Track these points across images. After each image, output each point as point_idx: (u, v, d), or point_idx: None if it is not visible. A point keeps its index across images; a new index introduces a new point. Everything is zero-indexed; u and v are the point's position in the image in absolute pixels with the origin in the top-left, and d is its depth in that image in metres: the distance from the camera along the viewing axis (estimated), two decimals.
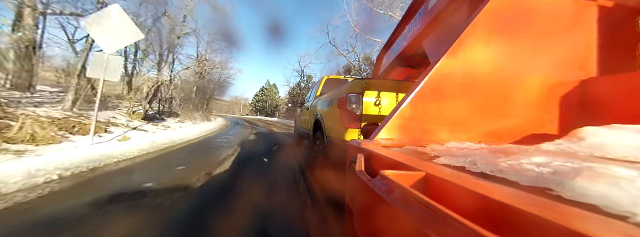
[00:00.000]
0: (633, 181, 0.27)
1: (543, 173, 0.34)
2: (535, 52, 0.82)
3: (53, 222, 1.34)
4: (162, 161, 3.01)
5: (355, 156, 0.60)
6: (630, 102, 0.71)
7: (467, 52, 0.79)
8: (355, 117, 1.77)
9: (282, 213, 1.66)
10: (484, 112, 0.81)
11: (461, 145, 0.65)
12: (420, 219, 0.27)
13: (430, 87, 0.78)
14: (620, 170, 0.30)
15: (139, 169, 2.54)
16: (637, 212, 0.22)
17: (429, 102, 0.78)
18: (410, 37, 1.73)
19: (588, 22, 0.85)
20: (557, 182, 0.30)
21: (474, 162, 0.42)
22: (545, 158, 0.40)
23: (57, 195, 1.70)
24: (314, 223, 1.56)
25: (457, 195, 0.31)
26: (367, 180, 0.41)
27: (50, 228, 1.28)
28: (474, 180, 0.33)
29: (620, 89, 0.75)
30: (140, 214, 1.50)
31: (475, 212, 0.27)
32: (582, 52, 0.85)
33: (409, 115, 0.78)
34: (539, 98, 0.83)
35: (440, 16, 1.32)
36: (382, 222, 0.36)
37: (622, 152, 0.49)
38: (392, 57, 2.16)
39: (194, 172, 2.47)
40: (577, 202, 0.26)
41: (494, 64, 0.81)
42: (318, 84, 3.94)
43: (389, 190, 0.35)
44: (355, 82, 1.84)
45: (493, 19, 0.80)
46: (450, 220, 0.23)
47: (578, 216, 0.22)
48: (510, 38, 0.81)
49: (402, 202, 0.31)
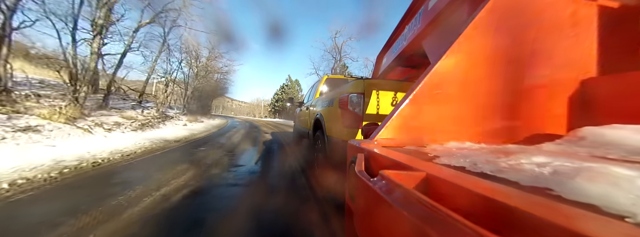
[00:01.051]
0: (633, 181, 0.27)
1: (543, 173, 0.34)
2: (536, 52, 0.82)
3: (187, 148, 4.10)
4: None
5: (355, 155, 0.60)
6: (630, 102, 0.71)
7: (467, 52, 0.79)
8: (356, 117, 1.77)
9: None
10: (484, 112, 0.81)
11: (461, 145, 0.65)
12: (420, 219, 0.27)
13: (430, 87, 0.78)
14: (620, 170, 0.30)
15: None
16: (637, 212, 0.22)
17: (429, 102, 0.78)
18: (410, 37, 1.73)
19: (588, 22, 0.85)
20: (557, 182, 0.30)
21: (474, 162, 0.42)
22: (545, 158, 0.40)
23: (187, 141, 4.95)
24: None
25: (457, 195, 0.31)
26: (367, 180, 0.42)
27: (190, 148, 4.17)
28: (474, 180, 0.33)
29: (620, 89, 0.75)
30: (211, 148, 4.22)
31: (475, 212, 0.27)
32: (582, 52, 0.85)
33: (409, 115, 0.78)
34: (539, 98, 0.83)
35: (440, 16, 1.32)
36: (383, 222, 0.36)
37: (622, 152, 0.49)
38: (392, 57, 2.16)
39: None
40: (577, 202, 0.26)
41: (494, 63, 0.81)
42: (317, 83, 3.95)
43: (389, 190, 0.35)
44: (357, 82, 1.84)
45: (493, 19, 0.80)
46: (451, 220, 0.23)
47: (578, 216, 0.22)
48: (510, 38, 0.81)
49: (402, 202, 0.31)
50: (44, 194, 1.74)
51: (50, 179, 2.02)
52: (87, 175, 2.23)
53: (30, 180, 1.94)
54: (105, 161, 2.73)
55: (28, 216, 1.42)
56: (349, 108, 1.79)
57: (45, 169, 2.20)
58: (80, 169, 2.37)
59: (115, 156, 2.97)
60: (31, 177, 1.98)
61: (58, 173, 2.16)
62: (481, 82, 0.81)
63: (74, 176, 2.16)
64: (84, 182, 2.05)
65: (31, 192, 1.73)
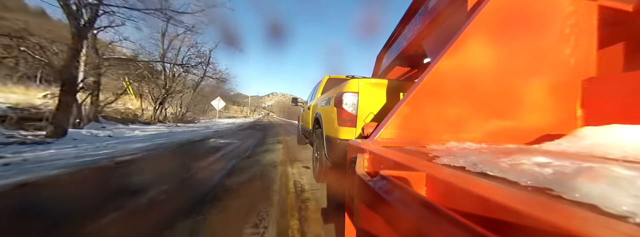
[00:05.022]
0: (633, 181, 0.27)
1: (543, 173, 0.34)
2: (535, 52, 0.82)
3: (233, 131, 9.04)
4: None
5: (356, 156, 0.60)
6: (630, 102, 0.71)
7: (467, 52, 0.79)
8: (350, 116, 1.81)
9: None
10: (484, 112, 0.81)
11: (461, 145, 0.65)
12: (420, 219, 0.27)
13: (430, 87, 0.78)
14: (620, 170, 0.30)
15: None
16: (637, 212, 0.22)
17: (429, 102, 0.78)
18: (410, 37, 1.74)
19: (588, 22, 0.85)
20: (557, 182, 0.30)
21: (474, 162, 0.42)
22: (545, 158, 0.40)
23: (235, 127, 11.24)
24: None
25: (457, 195, 0.31)
26: (368, 180, 0.42)
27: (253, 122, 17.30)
28: (474, 180, 0.33)
29: (620, 89, 0.75)
30: (247, 130, 10.11)
31: (475, 212, 0.27)
32: (582, 52, 0.85)
33: (409, 115, 0.78)
34: (539, 98, 0.83)
35: (440, 16, 1.32)
36: (383, 222, 0.36)
37: (622, 152, 0.49)
38: (392, 57, 2.16)
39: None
40: (577, 202, 0.26)
41: (494, 63, 0.81)
42: (319, 83, 3.98)
43: (389, 190, 0.35)
44: (352, 82, 1.87)
45: (493, 19, 0.80)
46: (450, 220, 0.23)
47: (578, 216, 0.22)
48: (510, 38, 0.81)
49: (402, 202, 0.31)
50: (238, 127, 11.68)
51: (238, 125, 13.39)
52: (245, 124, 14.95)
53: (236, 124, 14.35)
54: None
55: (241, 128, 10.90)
56: (344, 107, 1.83)
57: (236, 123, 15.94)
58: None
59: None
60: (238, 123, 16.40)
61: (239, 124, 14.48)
62: (481, 82, 0.81)
63: (240, 124, 13.93)
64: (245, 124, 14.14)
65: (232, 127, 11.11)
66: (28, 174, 2.03)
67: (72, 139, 3.89)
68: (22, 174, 2.04)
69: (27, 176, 2.00)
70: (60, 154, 2.83)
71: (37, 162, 2.45)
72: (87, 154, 2.94)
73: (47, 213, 1.40)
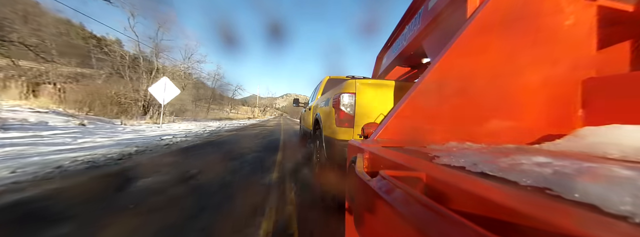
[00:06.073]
0: (633, 181, 0.27)
1: (543, 173, 0.34)
2: (535, 52, 0.82)
3: (231, 131, 9.53)
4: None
5: (355, 156, 0.60)
6: (630, 102, 0.71)
7: (467, 52, 0.79)
8: (348, 117, 1.82)
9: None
10: (484, 112, 0.81)
11: (461, 145, 0.65)
12: (420, 219, 0.27)
13: (430, 87, 0.78)
14: (620, 170, 0.30)
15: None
16: (637, 212, 0.22)
17: (429, 102, 0.78)
18: (410, 37, 1.74)
19: (588, 22, 0.85)
20: (557, 182, 0.30)
21: (474, 162, 0.42)
22: (545, 158, 0.40)
23: (235, 129, 11.21)
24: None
25: (457, 195, 0.31)
26: (367, 180, 0.42)
27: (236, 130, 10.82)
28: (474, 180, 0.33)
29: (620, 89, 0.75)
30: (246, 130, 10.95)
31: (475, 212, 0.27)
32: (582, 52, 0.85)
33: (409, 115, 0.78)
34: (539, 98, 0.83)
35: (440, 16, 1.32)
36: (382, 222, 0.36)
37: (622, 152, 0.49)
38: (392, 57, 2.16)
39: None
40: (577, 202, 0.26)
41: (494, 63, 0.81)
42: (320, 84, 3.99)
43: (389, 190, 0.35)
44: (349, 82, 1.88)
45: (493, 19, 0.80)
46: (450, 220, 0.23)
47: (578, 216, 0.22)
48: (510, 38, 0.81)
49: (402, 203, 0.31)
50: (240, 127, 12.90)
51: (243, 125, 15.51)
52: (249, 123, 18.87)
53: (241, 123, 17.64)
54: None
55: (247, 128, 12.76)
56: (341, 108, 1.84)
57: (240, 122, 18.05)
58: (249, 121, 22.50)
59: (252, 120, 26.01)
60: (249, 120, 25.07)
61: (242, 123, 17.62)
62: (481, 82, 0.81)
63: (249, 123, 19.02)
64: (248, 124, 17.32)
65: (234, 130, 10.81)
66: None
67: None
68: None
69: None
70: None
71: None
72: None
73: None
